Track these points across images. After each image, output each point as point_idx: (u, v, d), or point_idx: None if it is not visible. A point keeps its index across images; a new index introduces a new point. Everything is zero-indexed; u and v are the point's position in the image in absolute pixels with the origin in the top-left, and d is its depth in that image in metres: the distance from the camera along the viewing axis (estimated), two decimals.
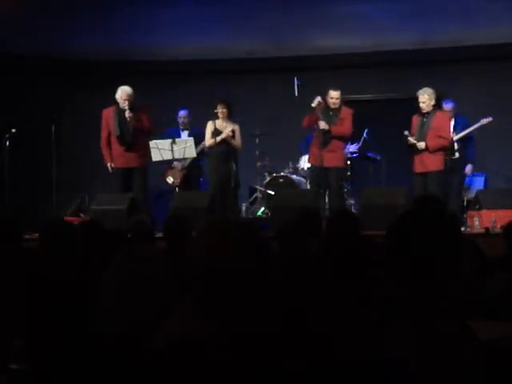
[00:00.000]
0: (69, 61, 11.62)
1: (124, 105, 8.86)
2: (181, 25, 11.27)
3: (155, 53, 11.76)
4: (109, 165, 9.04)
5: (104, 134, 9.10)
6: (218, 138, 9.26)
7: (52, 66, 11.63)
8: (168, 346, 1.78)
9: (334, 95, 9.09)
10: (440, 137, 8.74)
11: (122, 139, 8.93)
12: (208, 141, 9.38)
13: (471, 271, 3.62)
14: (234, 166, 9.38)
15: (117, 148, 8.99)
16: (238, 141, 9.37)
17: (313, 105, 8.97)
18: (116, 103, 9.01)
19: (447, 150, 8.89)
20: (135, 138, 8.91)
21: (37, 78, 11.52)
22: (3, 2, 10.55)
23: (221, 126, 9.32)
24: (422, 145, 8.74)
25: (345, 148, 9.52)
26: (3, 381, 2.47)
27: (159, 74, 11.89)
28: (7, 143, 9.27)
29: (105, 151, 9.10)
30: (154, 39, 11.49)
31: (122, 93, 8.93)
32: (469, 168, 9.60)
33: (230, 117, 9.40)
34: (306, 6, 10.91)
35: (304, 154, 10.23)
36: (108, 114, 9.06)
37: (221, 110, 9.31)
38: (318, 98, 8.97)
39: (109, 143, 9.07)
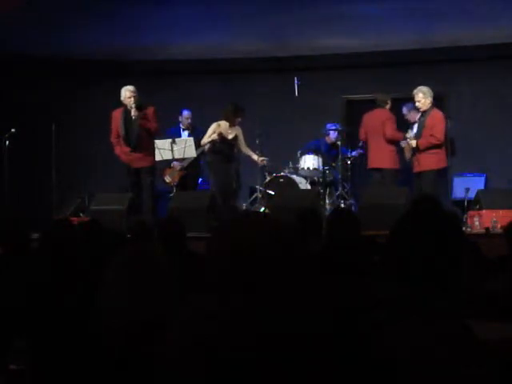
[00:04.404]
0: (69, 61, 11.62)
1: (130, 103, 8.88)
2: (181, 24, 11.26)
3: (155, 53, 11.77)
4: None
5: (113, 135, 9.14)
6: (205, 140, 9.46)
7: (52, 66, 11.64)
8: (181, 346, 1.77)
9: None
10: (431, 135, 8.75)
11: (127, 140, 8.95)
12: (205, 139, 9.49)
13: (471, 271, 3.61)
14: (237, 167, 9.49)
15: (123, 148, 9.02)
16: (242, 143, 9.64)
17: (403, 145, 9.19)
18: (124, 105, 9.02)
19: (439, 149, 8.86)
20: (140, 139, 8.92)
21: (37, 77, 11.53)
22: (3, 2, 10.55)
23: (226, 131, 9.47)
24: (413, 143, 8.81)
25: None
26: (3, 381, 2.47)
27: (159, 73, 11.90)
28: (7, 143, 9.27)
29: (117, 150, 9.13)
30: (154, 39, 11.49)
31: (125, 91, 8.97)
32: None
33: None
34: (307, 6, 10.90)
35: (309, 154, 10.22)
36: (116, 114, 9.12)
37: (239, 120, 9.53)
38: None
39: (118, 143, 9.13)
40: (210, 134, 9.44)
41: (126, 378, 2.02)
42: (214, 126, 9.48)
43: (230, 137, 9.52)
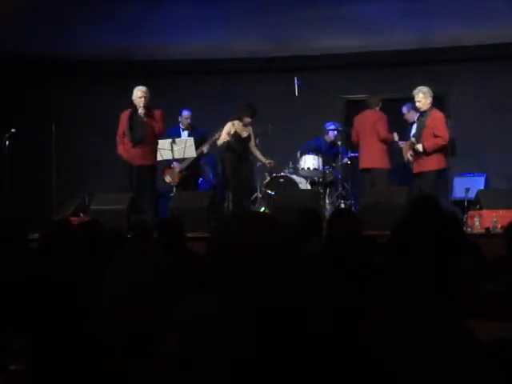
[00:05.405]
0: (69, 61, 11.62)
1: (140, 102, 8.97)
2: (181, 24, 11.28)
3: (155, 53, 11.77)
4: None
5: (119, 134, 9.19)
6: (220, 142, 9.68)
7: (52, 66, 11.64)
8: (181, 346, 1.77)
9: None
10: (435, 136, 8.74)
11: (131, 137, 8.98)
12: (222, 139, 9.65)
13: (471, 271, 3.61)
14: (250, 167, 9.88)
15: (126, 145, 9.06)
16: (252, 143, 9.95)
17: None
18: (132, 107, 9.07)
19: (446, 149, 8.85)
20: (144, 136, 8.96)
21: (37, 77, 11.53)
22: (4, 2, 10.55)
23: (241, 131, 9.70)
24: (419, 147, 8.79)
25: None
26: (3, 381, 2.47)
27: (159, 74, 11.89)
28: (7, 143, 9.28)
29: (119, 149, 9.16)
30: (155, 39, 11.50)
31: (137, 91, 9.08)
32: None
33: None
34: (306, 6, 10.91)
35: (309, 154, 10.22)
36: (124, 115, 9.18)
37: (250, 121, 9.75)
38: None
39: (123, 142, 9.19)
40: (227, 133, 9.57)
41: (126, 378, 2.02)
42: (228, 126, 9.64)
43: (244, 135, 9.66)
